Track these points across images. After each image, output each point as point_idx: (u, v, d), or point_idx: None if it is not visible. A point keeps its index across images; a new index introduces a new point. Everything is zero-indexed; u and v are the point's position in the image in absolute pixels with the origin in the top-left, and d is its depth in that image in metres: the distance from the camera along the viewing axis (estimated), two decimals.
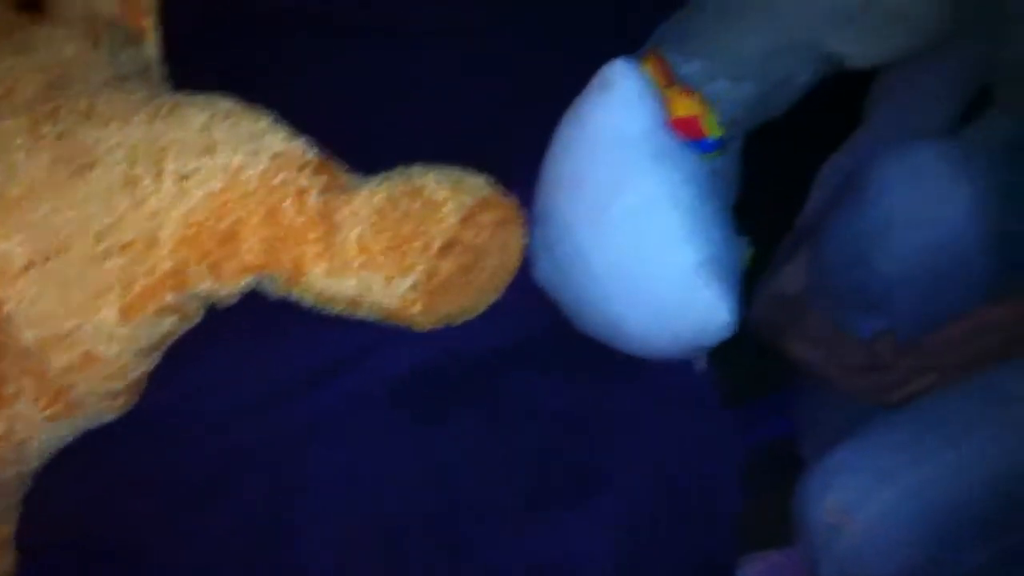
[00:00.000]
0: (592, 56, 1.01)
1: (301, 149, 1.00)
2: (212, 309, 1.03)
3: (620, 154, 0.99)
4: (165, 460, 1.03)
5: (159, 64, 1.13)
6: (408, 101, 1.08)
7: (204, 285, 1.00)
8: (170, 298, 1.00)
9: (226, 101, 1.02)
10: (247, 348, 1.04)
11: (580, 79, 1.01)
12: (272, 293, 1.01)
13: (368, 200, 0.99)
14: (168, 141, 0.99)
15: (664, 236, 0.97)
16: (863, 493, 0.97)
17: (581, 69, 1.01)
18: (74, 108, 1.02)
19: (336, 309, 1.01)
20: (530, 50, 1.09)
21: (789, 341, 1.09)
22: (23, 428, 1.01)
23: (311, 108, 1.04)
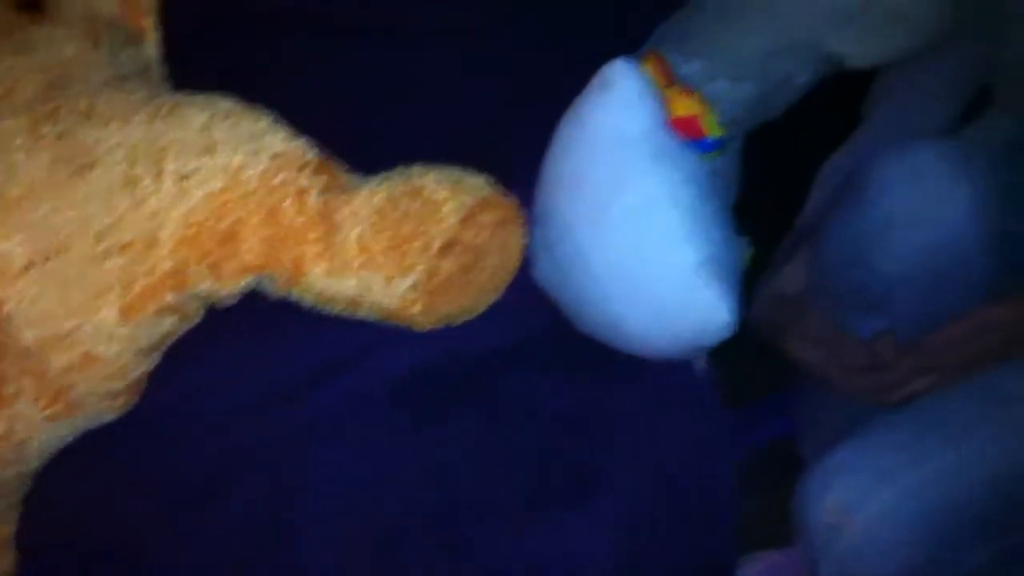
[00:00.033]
0: (592, 56, 1.01)
1: (301, 149, 1.00)
2: (212, 309, 1.03)
3: (620, 154, 0.99)
4: (165, 460, 1.03)
5: (159, 64, 1.13)
6: (408, 101, 1.08)
7: (204, 285, 1.00)
8: (170, 298, 1.00)
9: (226, 101, 1.02)
10: (247, 348, 1.04)
11: (580, 79, 1.01)
12: (272, 293, 1.01)
13: (368, 200, 0.99)
14: (168, 141, 0.99)
15: (664, 236, 0.97)
16: (863, 493, 0.97)
17: (581, 69, 1.01)
18: (74, 108, 1.02)
19: (336, 309, 1.01)
20: (530, 50, 1.09)
21: (789, 341, 1.09)
22: (23, 428, 1.01)
23: (311, 108, 1.04)
